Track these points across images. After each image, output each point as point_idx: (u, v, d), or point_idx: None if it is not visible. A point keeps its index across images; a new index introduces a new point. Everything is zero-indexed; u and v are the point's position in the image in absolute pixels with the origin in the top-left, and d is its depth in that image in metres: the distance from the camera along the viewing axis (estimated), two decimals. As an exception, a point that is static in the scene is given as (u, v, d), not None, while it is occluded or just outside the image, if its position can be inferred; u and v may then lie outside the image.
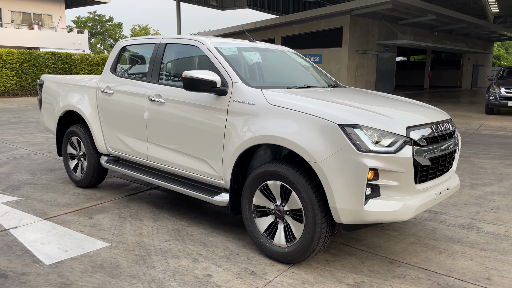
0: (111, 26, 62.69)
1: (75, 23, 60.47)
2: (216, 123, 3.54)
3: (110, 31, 62.61)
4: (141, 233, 3.79)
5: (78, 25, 59.57)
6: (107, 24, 62.36)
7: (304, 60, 4.72)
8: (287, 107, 3.14)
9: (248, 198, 3.36)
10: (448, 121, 3.50)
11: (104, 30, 62.61)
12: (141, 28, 66.08)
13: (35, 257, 3.26)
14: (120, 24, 63.72)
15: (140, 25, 66.75)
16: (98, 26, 62.26)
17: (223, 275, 3.03)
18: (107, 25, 62.36)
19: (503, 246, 3.63)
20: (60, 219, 4.09)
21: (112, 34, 62.54)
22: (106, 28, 62.39)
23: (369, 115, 3.00)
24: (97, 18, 61.49)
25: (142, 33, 64.89)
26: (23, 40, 27.91)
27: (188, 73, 3.42)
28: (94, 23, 61.69)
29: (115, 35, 62.59)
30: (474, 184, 5.64)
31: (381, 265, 3.25)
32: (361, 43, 23.05)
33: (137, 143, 4.35)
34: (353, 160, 2.79)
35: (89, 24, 61.29)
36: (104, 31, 62.74)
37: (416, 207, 2.94)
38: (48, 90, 5.55)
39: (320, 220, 2.96)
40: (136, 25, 66.69)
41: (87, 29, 46.33)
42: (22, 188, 5.11)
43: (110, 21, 62.61)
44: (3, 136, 8.84)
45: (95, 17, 61.23)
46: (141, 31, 65.25)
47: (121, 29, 63.63)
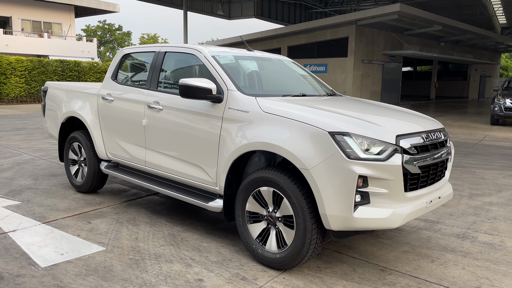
0: (120, 35, 63.44)
1: (85, 31, 61.33)
2: (212, 130, 3.60)
3: (119, 39, 63.35)
4: (137, 238, 3.84)
5: (88, 34, 60.39)
6: (116, 33, 63.14)
7: (301, 69, 4.79)
8: (280, 114, 3.20)
9: (242, 204, 3.40)
10: (440, 130, 3.53)
11: (113, 39, 63.36)
12: (149, 36, 66.81)
13: (31, 259, 3.33)
14: (129, 33, 64.45)
15: (149, 33, 67.44)
16: (107, 34, 63.07)
17: (214, 280, 3.06)
18: (116, 33, 63.14)
19: (496, 256, 3.63)
20: (58, 223, 4.15)
21: (121, 42, 63.27)
22: (115, 37, 63.15)
23: (359, 123, 3.05)
24: (106, 27, 62.32)
25: (151, 42, 65.57)
26: (33, 48, 28.34)
27: (184, 81, 3.50)
28: (103, 31, 62.51)
29: (124, 43, 63.31)
30: (473, 194, 5.63)
31: (372, 272, 3.27)
32: (367, 53, 23.11)
33: (135, 149, 4.42)
34: (342, 167, 2.83)
35: (99, 32, 62.11)
36: (113, 40, 63.51)
37: (406, 215, 2.96)
38: (52, 97, 5.66)
39: (310, 227, 2.99)
40: (145, 34, 67.47)
41: (96, 38, 46.96)
42: (24, 192, 5.20)
43: (119, 30, 63.40)
44: (9, 142, 8.98)
45: (104, 26, 62.06)
46: (150, 40, 65.96)
47: (130, 37, 64.35)
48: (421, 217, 4.62)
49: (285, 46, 25.18)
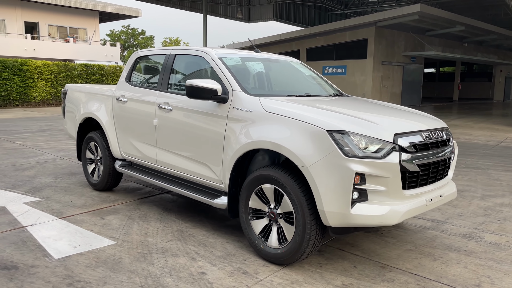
0: (143, 39, 64.59)
1: (110, 36, 62.71)
2: (217, 129, 3.72)
3: (142, 43, 64.51)
4: (147, 233, 3.99)
5: (112, 38, 61.75)
6: (139, 37, 64.33)
7: (309, 71, 4.87)
8: (281, 113, 3.29)
9: (245, 201, 3.50)
10: (442, 129, 3.55)
11: (137, 43, 64.56)
12: (171, 40, 67.79)
13: (46, 251, 3.51)
14: (151, 37, 65.55)
15: (171, 37, 68.47)
16: (131, 39, 64.33)
17: (217, 273, 3.18)
18: (139, 38, 64.32)
19: (500, 256, 3.62)
20: (74, 219, 4.35)
21: (144, 46, 64.39)
22: (138, 41, 64.34)
23: (358, 122, 3.11)
24: (130, 32, 63.58)
25: (173, 46, 66.53)
26: (59, 53, 29.21)
27: (191, 82, 3.63)
28: (127, 36, 63.79)
29: (146, 47, 64.42)
30: (485, 196, 5.58)
31: (372, 269, 3.32)
32: (387, 55, 22.93)
33: (147, 148, 4.58)
34: (340, 164, 2.91)
35: (123, 37, 63.42)
36: (136, 44, 64.71)
37: (404, 212, 3.01)
38: (71, 99, 5.90)
39: (309, 223, 3.07)
40: (167, 38, 68.48)
41: (120, 42, 47.85)
42: (44, 190, 5.44)
43: (143, 34, 64.57)
44: (33, 143, 9.34)
45: (128, 30, 63.34)
46: (172, 44, 66.91)
47: (153, 41, 65.43)
48: (428, 216, 4.63)
49: (304, 48, 25.21)
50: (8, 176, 6.12)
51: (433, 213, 4.75)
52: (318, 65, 24.63)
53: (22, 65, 20.42)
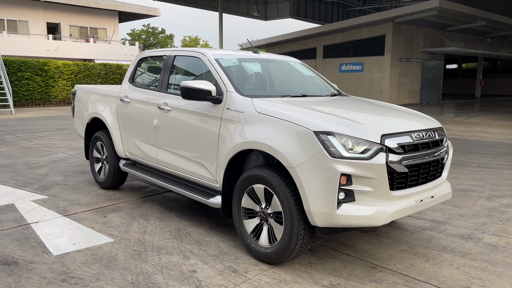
0: (163, 38, 65.30)
1: (130, 35, 63.66)
2: (212, 129, 3.78)
3: (162, 42, 65.23)
4: (145, 231, 4.09)
5: (133, 38, 62.65)
6: (159, 36, 65.06)
7: (308, 71, 4.88)
8: (271, 114, 3.33)
9: (238, 201, 3.56)
10: (435, 129, 3.52)
11: (157, 42, 65.33)
12: (191, 39, 68.34)
13: (46, 248, 3.64)
14: (171, 36, 66.22)
15: (190, 36, 69.00)
16: (151, 38, 65.12)
17: (207, 272, 3.24)
18: (159, 37, 65.06)
19: (496, 257, 3.57)
20: (77, 216, 4.48)
21: (164, 45, 65.12)
22: (158, 40, 65.08)
23: (345, 123, 3.12)
24: (150, 31, 64.38)
25: (192, 44, 67.05)
26: (79, 52, 29.84)
27: (185, 83, 3.70)
28: (147, 35, 64.61)
29: (166, 46, 65.07)
30: (492, 196, 5.48)
31: (362, 269, 3.33)
32: (405, 51, 22.58)
33: (149, 148, 4.68)
34: (325, 165, 2.92)
35: (143, 36, 64.26)
36: (156, 43, 65.48)
37: (391, 213, 3.01)
38: (79, 99, 6.06)
39: (297, 223, 3.10)
40: (187, 36, 69.07)
41: (140, 41, 48.47)
42: (53, 188, 5.61)
43: (163, 33, 65.28)
44: (49, 141, 9.61)
45: (148, 29, 64.14)
46: (191, 42, 67.45)
47: (172, 40, 66.08)
48: (429, 217, 4.59)
49: (320, 45, 25.06)
50: (21, 174, 6.33)
51: (434, 214, 4.71)
52: (335, 63, 24.46)
53: (43, 65, 20.95)
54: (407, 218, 4.55)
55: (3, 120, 14.35)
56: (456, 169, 7.08)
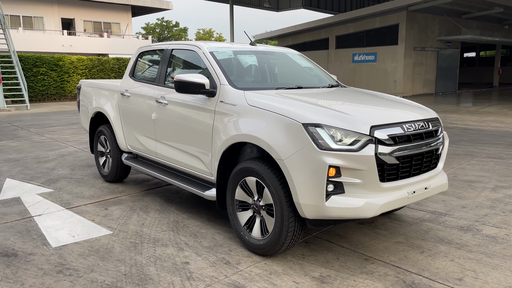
0: (177, 31, 65.50)
1: (145, 29, 64.05)
2: (206, 122, 3.80)
3: (176, 36, 65.45)
4: (143, 223, 4.15)
5: (147, 31, 63.02)
6: (173, 30, 65.28)
7: (307, 62, 4.84)
8: (261, 107, 3.33)
9: (231, 193, 3.58)
10: (429, 120, 3.46)
11: (171, 35, 65.58)
12: (205, 32, 68.36)
13: (46, 240, 3.73)
14: (185, 29, 66.36)
15: (204, 29, 69.02)
16: (165, 31, 65.40)
17: (199, 263, 3.28)
18: (173, 30, 65.28)
19: (493, 249, 3.52)
20: (79, 209, 4.57)
21: (178, 38, 65.34)
22: (172, 33, 65.33)
23: (335, 114, 3.10)
24: (164, 24, 64.63)
25: (206, 37, 67.09)
26: (94, 47, 30.16)
27: (179, 77, 3.72)
28: (161, 28, 64.89)
29: (180, 39, 65.26)
30: (498, 187, 5.39)
31: (354, 261, 3.32)
32: (419, 40, 22.19)
33: (148, 141, 4.73)
34: (313, 157, 2.92)
35: (157, 30, 64.57)
36: (170, 36, 65.75)
37: (380, 205, 2.98)
38: (84, 93, 6.15)
39: (287, 215, 3.10)
40: (200, 29, 69.12)
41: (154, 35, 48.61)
42: (59, 181, 5.73)
43: (177, 26, 65.48)
44: (60, 136, 9.79)
45: (162, 23, 64.40)
46: (205, 35, 67.49)
47: (186, 33, 66.22)
48: (429, 208, 4.54)
49: (333, 36, 24.81)
50: (30, 168, 6.47)
51: (435, 205, 4.65)
52: (348, 53, 24.20)
53: (58, 60, 21.26)
54: (407, 209, 4.51)
55: (19, 115, 14.66)
56: (464, 160, 6.96)
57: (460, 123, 11.72)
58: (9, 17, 28.35)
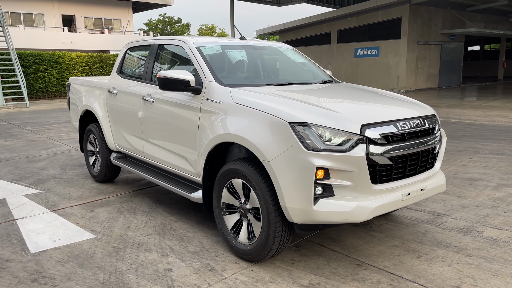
0: (180, 27, 65.26)
1: (147, 25, 63.85)
2: (192, 121, 3.62)
3: (178, 31, 65.20)
4: (129, 226, 3.99)
5: (150, 27, 62.83)
6: (176, 25, 65.03)
7: (300, 57, 4.64)
8: (247, 105, 3.14)
9: (218, 195, 3.40)
10: (426, 117, 3.26)
11: (173, 31, 65.34)
12: (207, 27, 68.07)
13: (25, 245, 3.58)
14: (188, 25, 66.12)
15: (207, 24, 68.70)
16: (168, 27, 65.15)
17: (183, 270, 3.11)
18: (176, 26, 65.03)
19: (494, 253, 3.33)
20: (64, 211, 4.42)
21: (180, 34, 65.06)
22: (175, 29, 65.08)
23: (323, 112, 2.91)
24: (167, 20, 64.37)
25: (209, 33, 66.79)
26: (94, 44, 30.02)
27: (162, 73, 3.54)
28: (164, 25, 64.65)
29: (183, 35, 64.98)
30: (500, 185, 5.18)
31: (346, 267, 3.14)
32: (422, 34, 21.86)
33: (136, 140, 4.56)
34: (301, 159, 2.73)
35: (160, 26, 64.34)
36: (173, 32, 65.51)
37: (373, 209, 2.80)
38: (74, 91, 5.98)
39: (274, 219, 2.93)
40: (203, 25, 68.81)
41: (156, 31, 48.29)
42: (48, 181, 5.58)
43: (179, 22, 65.21)
44: (55, 134, 9.65)
45: (165, 19, 64.14)
46: (208, 31, 67.19)
47: (189, 29, 65.99)
48: (428, 209, 4.35)
49: (335, 30, 24.51)
50: (20, 168, 6.33)
51: (434, 205, 4.46)
52: (350, 47, 23.90)
53: (58, 57, 21.12)
54: (404, 210, 4.32)
55: (17, 113, 14.55)
56: (466, 156, 6.75)
57: (463, 118, 11.48)
58: (9, 15, 28.25)
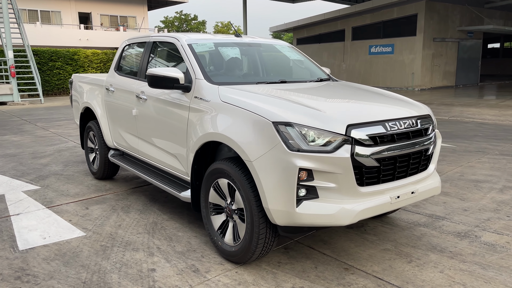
0: (196, 24, 65.48)
1: (163, 23, 64.27)
2: (182, 119, 3.57)
3: (194, 29, 65.46)
4: (121, 225, 3.97)
5: (166, 25, 63.22)
6: (192, 23, 65.28)
7: (297, 55, 4.55)
8: (233, 103, 3.08)
9: (205, 195, 3.35)
10: (419, 117, 3.14)
11: (189, 28, 65.61)
12: (223, 24, 68.14)
13: (15, 242, 3.58)
14: (204, 22, 66.31)
15: (223, 22, 68.77)
16: (184, 24, 65.44)
17: (166, 271, 3.07)
18: (192, 23, 65.28)
19: (490, 259, 3.20)
20: (59, 208, 4.43)
21: (196, 31, 65.30)
22: (191, 26, 65.35)
23: (308, 112, 2.82)
24: (183, 17, 64.66)
25: (225, 30, 66.86)
26: (110, 41, 30.29)
27: (151, 71, 3.50)
28: (180, 22, 64.96)
29: (199, 32, 65.18)
30: (506, 188, 5.00)
31: (333, 271, 3.05)
32: (439, 31, 21.41)
33: (131, 138, 4.54)
34: (283, 159, 2.66)
35: (176, 23, 64.68)
36: (189, 30, 65.77)
37: (358, 212, 2.71)
38: (75, 88, 6.00)
39: (258, 221, 2.86)
40: (219, 22, 68.89)
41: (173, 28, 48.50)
42: (49, 178, 5.61)
43: (195, 20, 65.45)
44: (64, 130, 9.75)
45: (181, 16, 64.45)
46: (223, 28, 67.26)
47: (205, 26, 66.18)
48: (427, 211, 4.22)
49: (349, 27, 24.20)
50: (23, 164, 6.39)
51: (434, 207, 4.33)
52: (364, 45, 23.58)
53: (73, 54, 21.40)
54: (402, 212, 4.20)
55: (31, 109, 14.78)
56: (475, 157, 6.56)
57: (477, 117, 11.19)
58: (27, 12, 28.72)
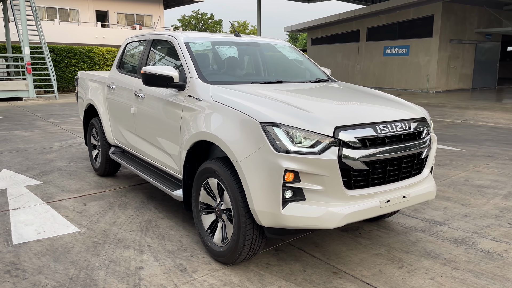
0: (212, 23, 65.66)
1: (180, 21, 64.61)
2: (175, 118, 3.57)
3: (211, 28, 65.65)
4: (115, 222, 3.98)
5: (183, 24, 63.56)
6: (208, 22, 65.48)
7: (297, 54, 4.50)
8: (224, 103, 3.06)
9: (196, 195, 3.34)
10: (413, 120, 3.07)
11: (206, 27, 65.84)
12: (239, 24, 68.20)
13: (10, 237, 3.63)
14: (220, 21, 66.42)
15: (239, 21, 68.84)
16: (200, 23, 65.70)
17: (154, 269, 3.06)
18: (208, 22, 65.48)
19: (485, 267, 3.11)
20: (58, 204, 4.47)
21: (213, 31, 65.51)
22: (207, 25, 65.56)
23: (296, 113, 2.78)
24: (199, 16, 64.91)
25: (241, 29, 66.92)
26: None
27: (146, 69, 3.50)
28: (197, 21, 65.22)
29: (215, 32, 65.40)
30: (511, 194, 4.88)
31: (321, 274, 3.01)
32: (456, 32, 21.04)
33: (130, 135, 4.56)
34: (269, 160, 2.63)
35: (193, 22, 64.96)
36: (206, 29, 66.01)
37: (344, 215, 2.66)
38: (81, 85, 6.07)
39: (244, 222, 2.83)
40: (235, 21, 68.97)
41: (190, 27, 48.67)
42: (52, 173, 5.68)
43: (212, 19, 65.62)
44: (74, 127, 9.86)
45: (198, 15, 64.70)
46: (240, 27, 67.31)
47: (221, 25, 66.29)
48: (426, 216, 4.13)
49: (364, 28, 23.97)
50: (29, 159, 6.49)
51: (433, 212, 4.24)
52: (379, 46, 23.32)
53: (89, 52, 21.70)
54: (399, 217, 4.12)
55: (46, 105, 15.01)
56: (483, 162, 6.41)
57: (491, 121, 10.95)
58: (45, 9, 29.21)
